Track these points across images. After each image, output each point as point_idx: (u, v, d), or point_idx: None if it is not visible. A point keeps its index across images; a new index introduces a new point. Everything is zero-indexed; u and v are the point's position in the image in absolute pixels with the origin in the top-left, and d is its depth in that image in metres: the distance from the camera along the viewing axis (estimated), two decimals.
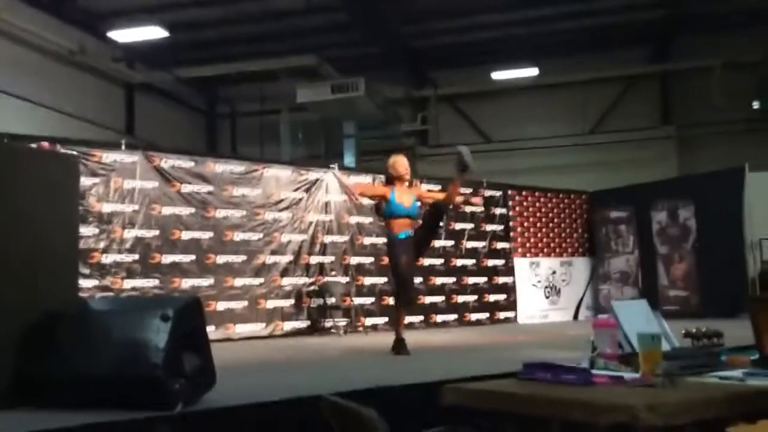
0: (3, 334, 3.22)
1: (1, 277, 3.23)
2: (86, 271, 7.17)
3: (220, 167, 8.45)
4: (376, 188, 6.05)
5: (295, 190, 8.98)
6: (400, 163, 6.19)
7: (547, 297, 11.28)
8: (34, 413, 3.02)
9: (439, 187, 10.42)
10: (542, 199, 11.53)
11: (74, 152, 6.97)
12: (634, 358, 2.60)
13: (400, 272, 5.95)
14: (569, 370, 2.45)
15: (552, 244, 11.51)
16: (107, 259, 7.45)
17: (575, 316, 11.37)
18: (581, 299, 11.56)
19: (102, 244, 7.43)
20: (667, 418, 1.93)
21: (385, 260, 9.17)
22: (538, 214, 11.42)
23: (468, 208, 10.59)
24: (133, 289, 7.54)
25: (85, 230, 7.13)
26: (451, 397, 2.45)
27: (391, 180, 6.19)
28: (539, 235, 11.38)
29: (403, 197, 6.05)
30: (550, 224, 11.54)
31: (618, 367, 2.61)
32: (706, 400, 2.12)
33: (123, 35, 12.27)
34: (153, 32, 11.98)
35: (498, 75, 14.66)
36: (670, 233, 10.87)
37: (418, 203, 6.18)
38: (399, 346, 5.90)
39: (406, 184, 6.21)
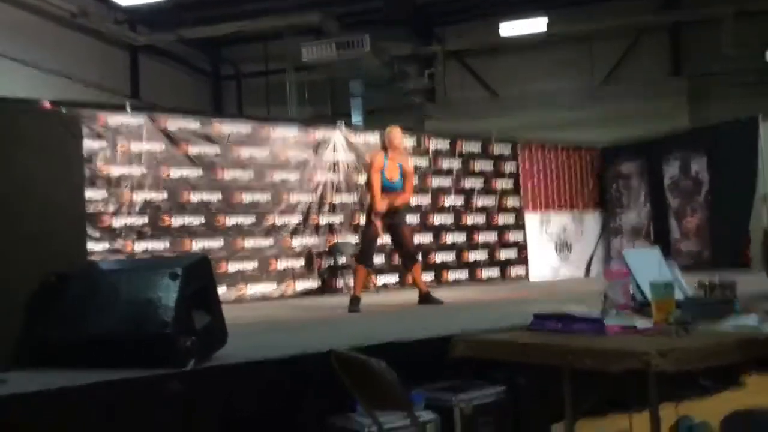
0: (12, 296, 3.22)
1: (8, 240, 3.22)
2: (97, 234, 7.19)
3: (226, 128, 8.40)
4: (375, 178, 6.47)
5: (303, 149, 8.92)
6: (394, 134, 6.59)
7: (558, 252, 11.25)
8: (46, 373, 3.03)
9: (447, 144, 10.38)
10: (552, 154, 11.42)
11: (73, 112, 6.92)
12: (647, 307, 2.58)
13: (364, 236, 6.69)
14: (580, 320, 2.44)
15: (563, 200, 11.43)
16: (117, 222, 7.46)
17: (587, 272, 11.36)
18: (593, 254, 11.53)
19: (111, 208, 7.44)
20: (680, 364, 1.92)
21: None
22: (548, 170, 11.32)
23: (477, 165, 10.53)
24: (144, 251, 7.57)
25: (94, 194, 7.14)
26: (461, 349, 2.44)
27: (385, 149, 6.61)
28: (550, 190, 11.30)
29: (392, 171, 6.50)
30: (561, 179, 11.44)
31: (630, 316, 2.59)
32: (718, 347, 2.10)
33: None
34: None
35: (506, 28, 14.39)
36: (682, 186, 10.77)
37: (404, 181, 6.56)
38: (353, 304, 6.31)
39: (399, 155, 6.61)
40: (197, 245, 7.92)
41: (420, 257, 7.14)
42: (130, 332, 3.12)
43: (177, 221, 7.86)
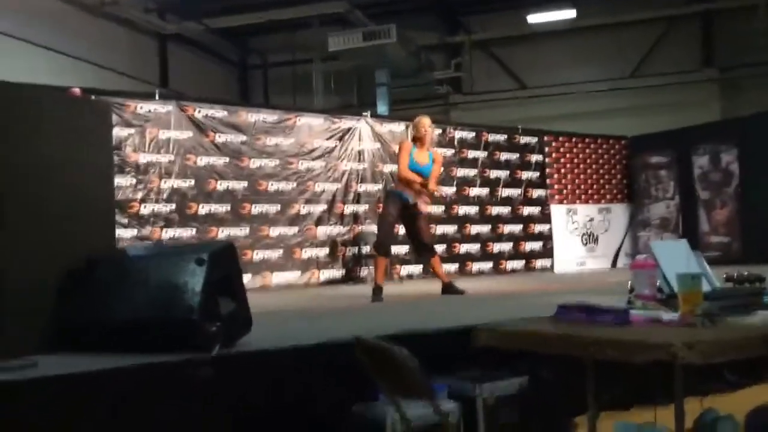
0: (42, 281, 3.28)
1: (38, 224, 3.28)
2: (125, 221, 7.29)
3: (253, 116, 8.44)
4: (402, 155, 6.56)
5: (329, 138, 8.94)
6: (422, 123, 6.63)
7: (584, 244, 11.16)
8: (74, 356, 3.09)
9: (473, 134, 10.33)
10: (579, 145, 11.31)
11: (103, 99, 6.99)
12: (673, 299, 2.55)
13: (381, 223, 6.73)
14: (605, 311, 2.42)
15: (590, 191, 11.32)
16: (145, 209, 7.55)
17: (613, 264, 11.26)
18: (620, 246, 11.42)
19: (140, 195, 7.53)
20: (706, 357, 1.89)
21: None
22: (575, 160, 11.21)
23: (503, 156, 10.47)
24: (172, 238, 7.65)
25: (123, 180, 7.23)
26: (484, 339, 2.44)
27: (414, 138, 6.69)
28: (576, 181, 11.20)
29: (420, 156, 6.54)
30: (588, 170, 11.33)
31: (656, 308, 2.56)
32: (745, 340, 2.07)
33: None
34: None
35: (534, 18, 14.26)
36: (711, 178, 10.61)
37: (433, 164, 6.60)
38: (376, 294, 6.30)
39: (426, 144, 6.65)
40: (223, 233, 7.99)
41: (436, 249, 7.05)
42: (156, 317, 3.16)
43: (203, 209, 7.93)
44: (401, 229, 7.14)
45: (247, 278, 7.73)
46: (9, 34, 10.58)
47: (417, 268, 9.42)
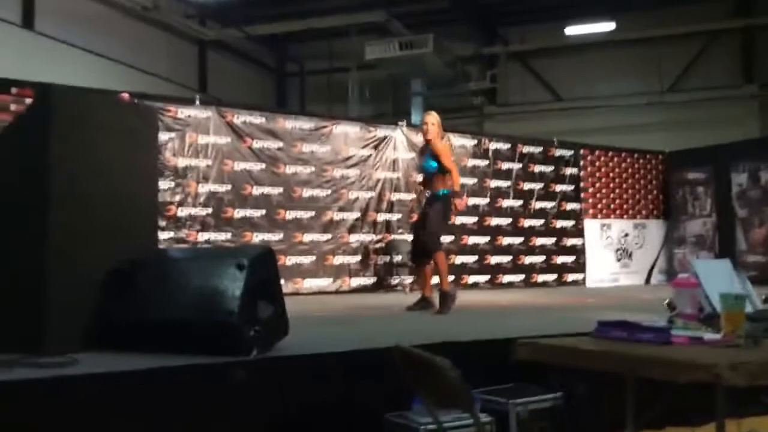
0: (88, 279, 3.36)
1: (86, 225, 3.36)
2: (163, 223, 7.39)
3: (290, 123, 8.52)
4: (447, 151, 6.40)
5: (363, 147, 8.99)
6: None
7: (618, 260, 11.05)
8: (116, 355, 3.15)
9: (508, 146, 10.31)
10: (615, 159, 11.21)
11: (155, 107, 7.13)
12: (715, 318, 2.53)
13: (445, 224, 6.38)
14: (646, 329, 2.40)
15: (625, 206, 11.21)
16: (182, 212, 7.66)
17: (647, 280, 11.12)
18: (654, 263, 11.28)
19: (177, 198, 7.64)
20: (750, 379, 1.87)
21: (452, 219, 9.17)
22: (611, 175, 11.12)
23: (537, 168, 10.42)
24: (207, 241, 7.75)
25: (161, 184, 7.31)
26: (524, 353, 2.44)
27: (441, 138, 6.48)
28: (612, 196, 11.10)
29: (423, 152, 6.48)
30: (624, 185, 11.22)
31: (698, 327, 2.54)
32: None
33: None
34: None
35: (572, 30, 14.20)
36: (750, 196, 10.44)
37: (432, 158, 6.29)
38: (448, 301, 5.95)
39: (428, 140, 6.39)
40: (257, 238, 8.07)
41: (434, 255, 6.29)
42: (197, 319, 3.22)
43: (239, 213, 8.02)
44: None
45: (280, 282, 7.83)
46: (53, 36, 10.85)
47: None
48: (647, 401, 2.65)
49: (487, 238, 9.85)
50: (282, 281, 7.79)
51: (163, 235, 7.30)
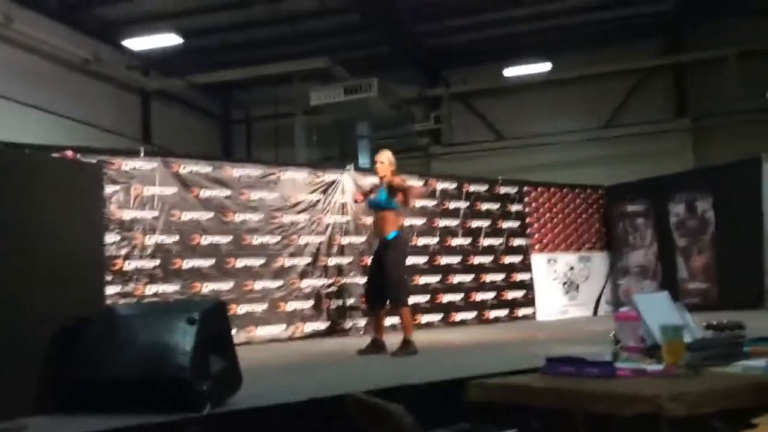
0: (32, 340, 3.29)
1: (30, 285, 3.30)
2: (109, 278, 7.23)
3: (237, 171, 8.52)
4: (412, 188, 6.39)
5: (312, 192, 9.03)
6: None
7: (566, 293, 11.26)
8: (64, 418, 3.08)
9: (454, 185, 10.49)
10: (558, 195, 11.51)
11: (94, 161, 7.04)
12: (657, 350, 2.62)
13: (405, 273, 6.36)
14: (592, 364, 2.48)
15: (569, 240, 11.48)
16: (129, 265, 7.53)
17: (595, 312, 11.34)
18: (600, 294, 11.53)
19: (123, 251, 7.51)
20: (691, 408, 1.95)
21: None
22: (554, 210, 11.39)
23: (484, 206, 10.61)
24: (155, 294, 7.61)
25: (106, 238, 7.20)
26: (476, 393, 2.48)
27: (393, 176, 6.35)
28: (556, 230, 11.36)
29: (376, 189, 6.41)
30: (567, 220, 11.51)
31: (641, 359, 2.63)
32: (729, 390, 2.14)
33: (137, 43, 12.39)
34: (167, 39, 12.09)
35: (510, 71, 14.64)
36: (688, 225, 10.81)
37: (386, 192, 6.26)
38: (409, 347, 5.92)
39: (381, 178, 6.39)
40: (207, 288, 7.98)
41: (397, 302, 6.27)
42: (147, 376, 3.18)
43: (188, 264, 7.93)
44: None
45: (232, 332, 7.73)
46: None
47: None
48: None
49: (438, 277, 9.93)
50: (234, 330, 7.74)
51: (109, 290, 7.15)
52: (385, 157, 6.32)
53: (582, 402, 2.19)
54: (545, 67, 14.38)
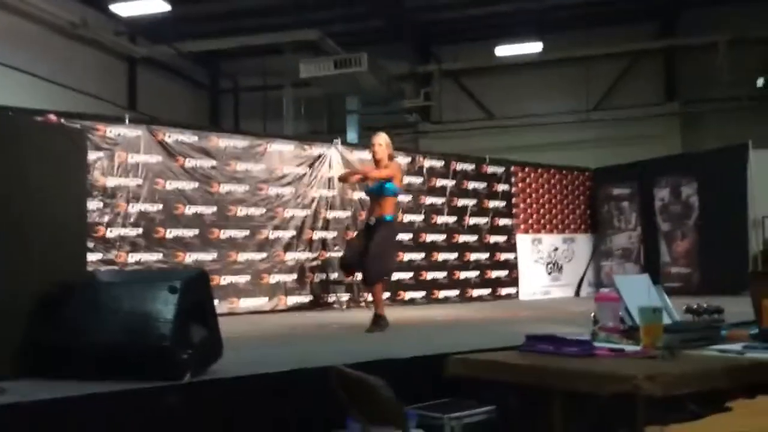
0: (12, 304, 3.27)
1: (11, 249, 3.27)
2: (91, 245, 7.18)
3: (223, 142, 8.46)
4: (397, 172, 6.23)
5: (299, 165, 9.00)
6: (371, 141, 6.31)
7: (549, 273, 11.34)
8: (45, 383, 3.07)
9: (442, 163, 10.49)
10: (545, 176, 11.54)
11: (78, 126, 6.97)
12: (636, 331, 2.65)
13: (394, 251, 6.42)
14: (571, 343, 2.50)
15: (554, 221, 11.54)
16: (111, 233, 7.49)
17: (577, 293, 11.44)
18: (583, 276, 11.62)
19: (106, 218, 7.48)
20: (667, 389, 1.98)
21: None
22: (540, 191, 11.43)
23: (470, 185, 10.62)
24: (137, 263, 7.59)
25: (89, 204, 7.13)
26: (455, 369, 2.50)
27: (391, 158, 6.26)
28: (542, 211, 11.41)
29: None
30: (553, 201, 11.56)
31: (619, 340, 2.66)
32: (705, 372, 2.16)
33: (125, 8, 12.19)
34: (155, 5, 11.90)
35: (502, 50, 14.58)
36: (672, 210, 10.89)
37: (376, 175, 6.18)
38: (381, 322, 5.90)
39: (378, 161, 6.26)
40: (190, 258, 7.96)
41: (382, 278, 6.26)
42: (129, 343, 3.17)
43: (171, 233, 7.90)
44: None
45: (214, 303, 7.73)
46: None
47: (385, 295, 9.44)
48: (575, 414, 2.75)
49: (422, 254, 9.96)
50: (217, 301, 7.72)
51: (91, 257, 7.11)
52: (383, 140, 6.21)
53: (560, 380, 2.21)
54: (537, 47, 14.33)
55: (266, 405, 3.19)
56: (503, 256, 10.87)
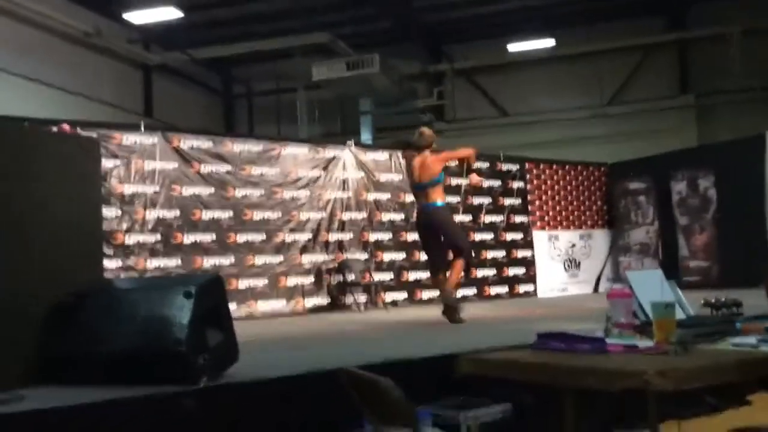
0: (30, 313, 3.31)
1: (28, 259, 3.32)
2: (110, 252, 7.29)
3: (238, 147, 8.52)
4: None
5: (313, 168, 9.03)
6: (423, 133, 6.74)
7: (566, 270, 11.29)
8: (61, 390, 3.11)
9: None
10: (560, 172, 11.49)
11: (94, 134, 7.05)
12: (649, 327, 2.64)
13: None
14: (583, 340, 2.49)
15: (571, 217, 11.48)
16: (130, 239, 7.57)
17: (595, 289, 11.37)
18: (601, 271, 11.55)
19: (125, 225, 7.56)
20: (678, 384, 1.97)
21: (404, 236, 9.31)
22: (556, 187, 11.38)
23: (485, 183, 10.60)
24: (157, 268, 7.66)
25: (107, 212, 7.24)
26: (466, 368, 2.51)
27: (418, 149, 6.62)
28: (558, 208, 11.36)
29: (423, 172, 6.51)
30: (569, 197, 11.50)
31: (632, 336, 2.65)
32: (717, 366, 2.15)
33: (138, 16, 12.31)
34: (168, 13, 12.01)
35: (514, 47, 14.54)
36: (690, 203, 10.80)
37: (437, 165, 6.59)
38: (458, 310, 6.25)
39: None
40: (208, 262, 8.02)
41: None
42: (145, 350, 3.19)
43: (189, 239, 7.96)
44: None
45: (232, 307, 7.71)
46: None
47: (401, 295, 9.49)
48: (590, 410, 2.75)
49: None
50: (235, 305, 7.88)
51: (111, 264, 7.21)
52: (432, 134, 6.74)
53: (571, 377, 2.21)
54: (549, 43, 14.28)
55: (282, 408, 3.21)
56: (520, 254, 10.84)
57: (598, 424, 2.76)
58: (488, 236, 10.52)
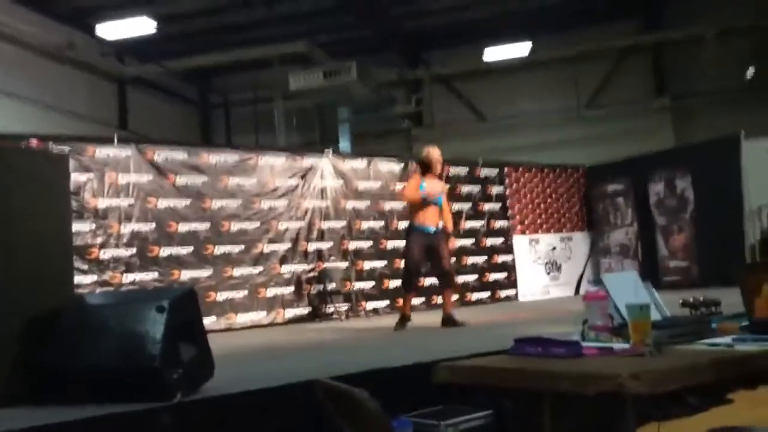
0: (1, 332, 3.24)
1: None
2: (84, 267, 7.20)
3: (214, 158, 8.45)
4: (413, 185, 6.71)
5: (291, 177, 8.98)
6: (433, 154, 6.76)
7: (548, 273, 11.32)
8: (34, 409, 3.05)
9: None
10: (539, 176, 11.53)
11: (67, 148, 6.94)
12: (625, 329, 2.62)
13: (406, 261, 6.80)
14: (559, 344, 2.47)
15: (551, 220, 11.52)
16: (105, 254, 7.47)
17: (576, 291, 11.41)
18: (582, 274, 11.60)
19: (99, 240, 7.46)
20: (652, 386, 1.95)
21: (384, 244, 9.31)
22: (535, 191, 11.42)
23: (464, 189, 10.61)
24: (133, 282, 7.57)
25: (81, 226, 7.16)
26: (443, 375, 2.47)
27: (426, 169, 6.72)
28: (537, 211, 11.39)
29: (434, 186, 6.63)
30: (548, 200, 11.54)
31: (608, 338, 2.63)
32: (692, 367, 2.13)
33: (111, 29, 12.21)
34: (141, 26, 11.92)
35: (491, 53, 14.59)
36: (668, 204, 10.87)
37: (443, 196, 6.75)
38: (401, 324, 6.60)
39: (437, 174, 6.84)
40: (186, 275, 7.93)
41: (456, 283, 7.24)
42: (118, 366, 3.15)
43: (165, 251, 7.88)
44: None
45: (211, 320, 7.71)
46: None
47: (383, 303, 9.44)
48: (568, 414, 2.72)
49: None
50: (214, 317, 7.81)
51: (86, 279, 7.12)
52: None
53: (547, 382, 2.18)
54: (525, 48, 14.34)
55: (258, 421, 3.16)
56: (501, 258, 10.85)
57: (576, 428, 2.73)
58: (469, 242, 10.52)
